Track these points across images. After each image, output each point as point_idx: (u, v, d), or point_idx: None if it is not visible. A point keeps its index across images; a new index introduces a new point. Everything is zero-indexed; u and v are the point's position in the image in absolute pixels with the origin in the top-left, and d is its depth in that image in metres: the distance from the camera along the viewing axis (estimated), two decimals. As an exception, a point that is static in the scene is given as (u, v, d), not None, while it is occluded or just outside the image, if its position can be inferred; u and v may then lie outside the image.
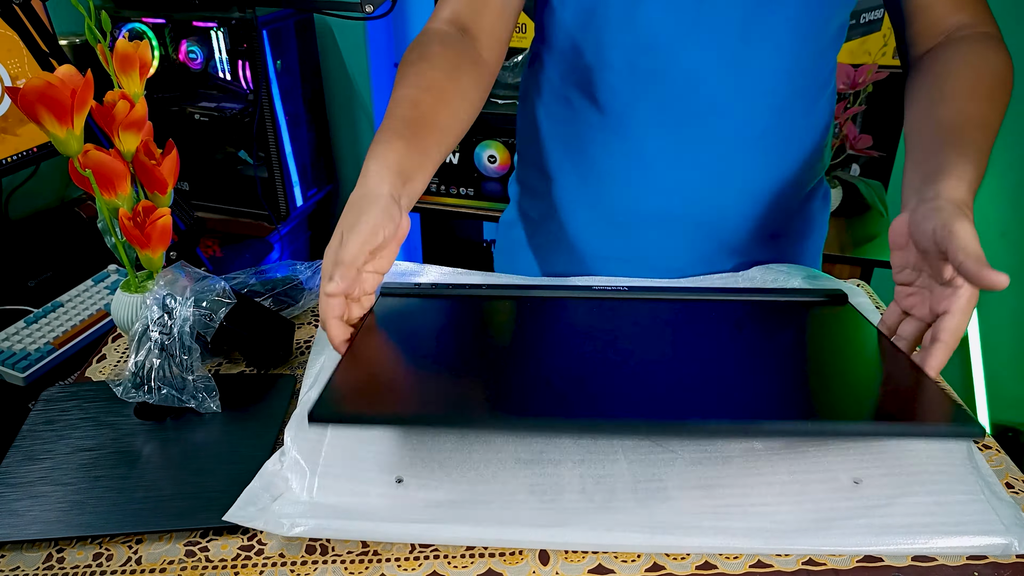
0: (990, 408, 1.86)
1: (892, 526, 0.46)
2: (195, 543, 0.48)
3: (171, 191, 0.67)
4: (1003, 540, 0.45)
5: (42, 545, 0.48)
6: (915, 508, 0.48)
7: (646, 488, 0.50)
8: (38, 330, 1.02)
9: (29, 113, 0.57)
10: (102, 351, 0.69)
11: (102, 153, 0.61)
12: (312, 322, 0.72)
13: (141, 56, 0.66)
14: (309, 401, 0.57)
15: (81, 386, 0.64)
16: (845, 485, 0.49)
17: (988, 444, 0.56)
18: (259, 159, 1.65)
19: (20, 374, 0.94)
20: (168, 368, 0.58)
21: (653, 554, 0.47)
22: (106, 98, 0.64)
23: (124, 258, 0.66)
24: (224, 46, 1.56)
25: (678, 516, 0.48)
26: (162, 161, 0.65)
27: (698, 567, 0.46)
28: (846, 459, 0.51)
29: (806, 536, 0.46)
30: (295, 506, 0.49)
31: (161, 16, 1.57)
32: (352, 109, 1.97)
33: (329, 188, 1.93)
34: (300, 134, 1.74)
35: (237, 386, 0.62)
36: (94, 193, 0.62)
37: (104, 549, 0.48)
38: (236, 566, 0.47)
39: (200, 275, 0.62)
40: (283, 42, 1.63)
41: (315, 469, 0.51)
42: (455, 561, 0.47)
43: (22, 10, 0.78)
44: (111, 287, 1.11)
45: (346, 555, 0.47)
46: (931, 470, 0.50)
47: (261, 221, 1.71)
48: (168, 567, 0.47)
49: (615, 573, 0.46)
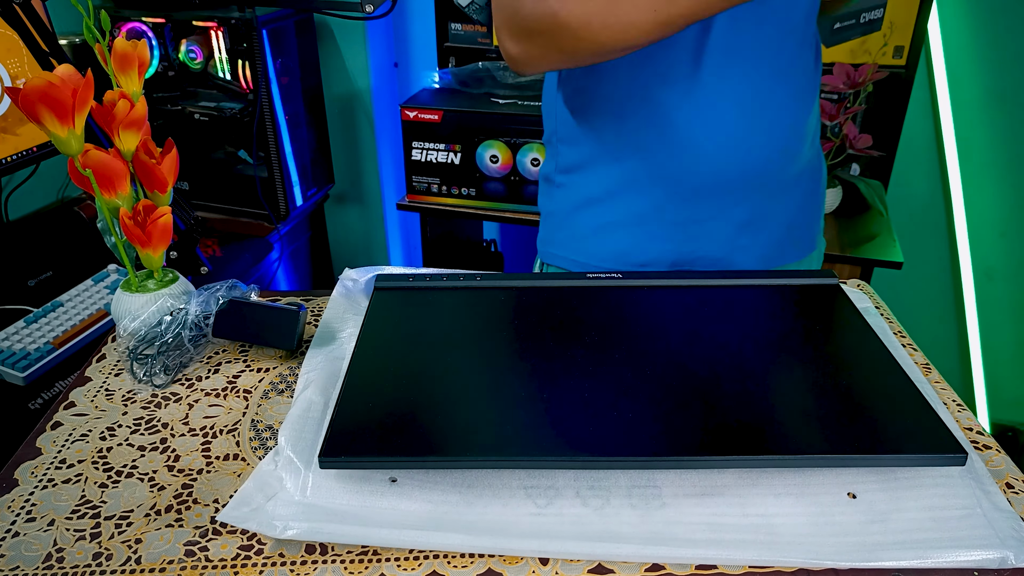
0: (990, 408, 1.86)
1: (885, 543, 0.46)
2: (195, 543, 0.48)
3: (171, 190, 0.67)
4: (998, 554, 0.45)
5: (41, 545, 0.48)
6: (910, 524, 0.48)
7: (641, 494, 0.50)
8: (38, 330, 1.02)
9: (30, 113, 0.57)
10: (102, 351, 0.69)
11: (102, 153, 0.61)
12: (312, 322, 0.72)
13: (139, 55, 0.66)
14: (306, 400, 0.57)
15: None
16: (841, 499, 0.49)
17: (988, 444, 0.56)
18: (259, 159, 1.65)
19: (20, 374, 0.94)
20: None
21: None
22: (106, 98, 0.64)
23: (124, 257, 0.66)
24: (224, 46, 1.56)
25: (672, 526, 0.48)
26: (162, 160, 0.65)
27: (698, 567, 0.46)
28: (842, 472, 0.51)
29: (800, 550, 0.46)
30: (288, 507, 0.49)
31: (161, 16, 1.57)
32: (352, 109, 1.97)
33: (329, 188, 1.93)
34: (300, 134, 1.74)
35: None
36: (94, 193, 0.63)
37: (104, 549, 0.48)
38: (236, 566, 0.47)
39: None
40: (283, 42, 1.63)
41: (309, 467, 0.51)
42: (455, 561, 0.47)
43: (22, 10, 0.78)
44: (111, 287, 1.11)
45: (346, 555, 0.47)
46: (927, 483, 0.50)
47: (261, 221, 1.71)
48: (168, 567, 0.47)
49: (615, 574, 0.46)
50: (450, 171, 1.55)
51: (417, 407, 0.53)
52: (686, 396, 0.53)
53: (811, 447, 0.49)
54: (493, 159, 1.51)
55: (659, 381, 0.55)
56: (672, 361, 0.57)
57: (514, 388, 0.55)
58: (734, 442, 0.49)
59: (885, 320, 0.70)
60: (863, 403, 0.53)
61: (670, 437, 0.50)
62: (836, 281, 0.68)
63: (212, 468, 0.55)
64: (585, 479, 0.51)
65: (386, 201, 2.09)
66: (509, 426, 0.51)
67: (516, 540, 0.46)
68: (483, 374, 0.57)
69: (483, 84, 1.62)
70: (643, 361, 0.57)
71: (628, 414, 0.51)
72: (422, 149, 1.54)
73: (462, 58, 1.71)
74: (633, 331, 0.61)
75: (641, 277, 0.69)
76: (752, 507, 0.49)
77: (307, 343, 0.69)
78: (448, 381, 0.56)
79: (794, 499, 0.49)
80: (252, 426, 0.59)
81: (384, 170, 2.05)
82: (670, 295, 0.66)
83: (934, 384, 0.62)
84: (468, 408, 0.53)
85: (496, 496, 0.50)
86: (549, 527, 0.48)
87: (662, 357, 0.57)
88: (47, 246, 1.37)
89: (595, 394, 0.53)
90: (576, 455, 0.49)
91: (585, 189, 0.81)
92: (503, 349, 0.60)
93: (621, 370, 0.56)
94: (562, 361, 0.58)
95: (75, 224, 1.45)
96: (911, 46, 1.49)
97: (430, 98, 1.58)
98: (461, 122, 1.50)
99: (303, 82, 1.73)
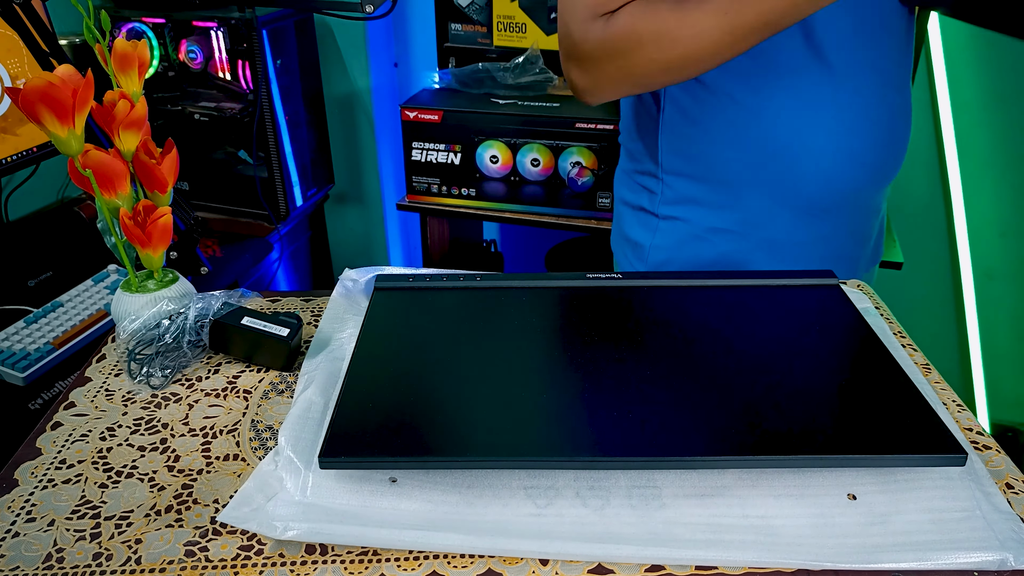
0: (990, 408, 1.86)
1: (885, 545, 0.46)
2: (195, 543, 0.48)
3: (171, 190, 0.67)
4: (998, 556, 0.45)
5: (41, 545, 0.48)
6: (910, 525, 0.48)
7: (641, 494, 0.50)
8: (38, 330, 1.02)
9: (30, 113, 0.57)
10: (102, 351, 0.69)
11: (102, 153, 0.61)
12: (312, 322, 0.72)
13: (140, 55, 0.66)
14: (306, 401, 0.57)
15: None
16: (841, 501, 0.49)
17: (988, 444, 0.56)
18: (259, 159, 1.65)
19: (20, 374, 0.94)
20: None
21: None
22: (106, 98, 0.64)
23: (124, 258, 0.66)
24: (224, 46, 1.56)
25: (672, 527, 0.48)
26: (162, 160, 0.65)
27: (698, 568, 0.46)
28: (842, 473, 0.51)
29: (800, 551, 0.46)
30: (289, 508, 0.49)
31: (161, 16, 1.57)
32: (352, 109, 1.97)
33: (329, 188, 1.93)
34: (300, 134, 1.74)
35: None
36: (94, 193, 0.63)
37: (104, 549, 0.48)
38: (236, 566, 0.47)
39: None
40: (283, 42, 1.63)
41: (309, 467, 0.51)
42: (455, 561, 0.47)
43: (22, 10, 0.78)
44: (111, 287, 1.11)
45: (346, 555, 0.47)
46: (927, 484, 0.50)
47: (261, 221, 1.71)
48: (168, 567, 0.47)
49: (615, 574, 0.46)
50: (450, 171, 1.55)
51: (417, 407, 0.53)
52: (686, 396, 0.53)
53: (811, 447, 0.49)
54: (493, 159, 1.51)
55: (659, 381, 0.55)
56: (672, 361, 0.57)
57: (514, 388, 0.55)
58: (734, 443, 0.49)
59: (885, 320, 0.70)
60: (863, 404, 0.53)
61: (670, 437, 0.50)
62: (836, 281, 0.68)
63: (212, 468, 0.55)
64: (585, 479, 0.51)
65: (386, 201, 2.10)
66: (509, 426, 0.51)
67: (516, 540, 0.46)
68: (483, 374, 0.57)
69: (483, 84, 1.62)
70: (643, 361, 0.57)
71: (628, 414, 0.51)
72: (422, 149, 1.54)
73: (462, 58, 1.71)
74: (633, 331, 0.61)
75: (641, 277, 0.69)
76: (752, 508, 0.49)
77: (307, 343, 0.69)
78: (448, 381, 0.56)
79: (794, 500, 0.49)
80: (252, 426, 0.59)
81: (384, 170, 2.05)
82: (670, 295, 0.66)
83: (934, 384, 0.62)
84: (468, 408, 0.53)
85: (496, 496, 0.50)
86: (549, 527, 0.48)
87: (662, 357, 0.57)
88: (47, 246, 1.37)
89: (595, 394, 0.53)
90: (576, 455, 0.49)
91: (705, 220, 0.80)
92: (503, 349, 0.60)
93: (621, 370, 0.56)
94: (562, 361, 0.58)
95: (75, 224, 1.45)
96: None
97: (430, 98, 1.58)
98: (461, 122, 1.50)
99: (303, 82, 1.73)
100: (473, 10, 1.66)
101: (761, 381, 0.55)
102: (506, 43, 1.67)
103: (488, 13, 1.65)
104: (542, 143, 1.47)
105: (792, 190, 0.76)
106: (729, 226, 0.79)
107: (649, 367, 0.56)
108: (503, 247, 2.11)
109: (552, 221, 1.52)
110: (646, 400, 0.53)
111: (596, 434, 0.50)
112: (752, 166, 0.76)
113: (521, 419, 0.52)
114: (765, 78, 0.72)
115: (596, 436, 0.50)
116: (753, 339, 0.61)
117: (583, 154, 1.46)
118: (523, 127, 1.47)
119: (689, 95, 0.76)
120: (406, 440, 0.50)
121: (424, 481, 0.51)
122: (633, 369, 0.56)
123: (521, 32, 1.65)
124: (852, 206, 0.79)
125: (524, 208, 1.55)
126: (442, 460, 0.49)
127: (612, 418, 0.51)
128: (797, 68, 0.72)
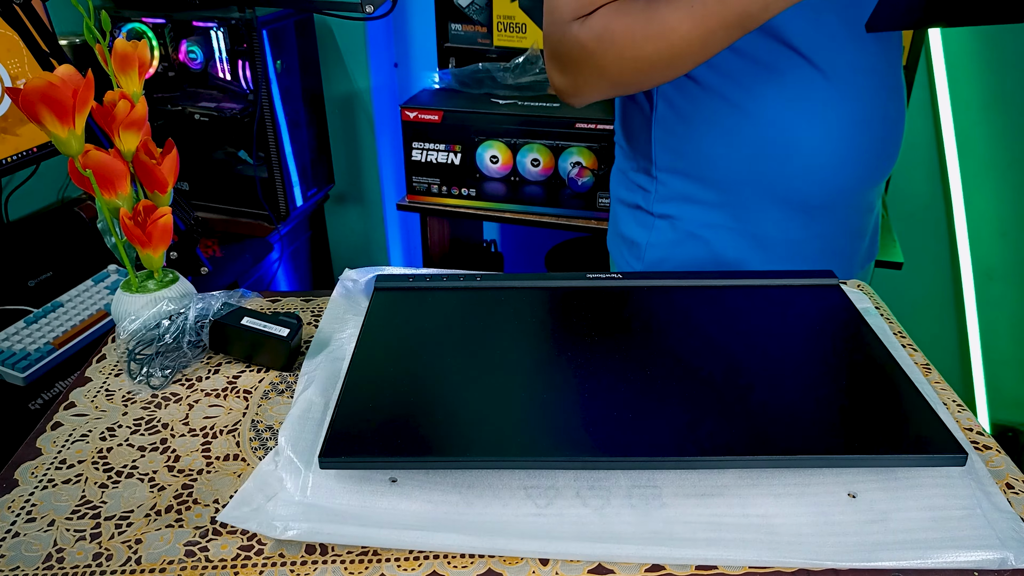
0: (990, 408, 1.86)
1: (885, 543, 0.46)
2: (195, 543, 0.48)
3: (171, 190, 0.67)
4: (998, 555, 0.45)
5: (41, 545, 0.48)
6: (910, 524, 0.48)
7: (641, 494, 0.50)
8: (38, 330, 1.02)
9: (30, 113, 0.57)
10: (102, 351, 0.69)
11: (102, 153, 0.61)
12: (312, 323, 0.72)
13: (140, 56, 0.66)
14: (306, 401, 0.57)
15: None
16: (841, 499, 0.49)
17: (988, 444, 0.56)
18: (259, 159, 1.65)
19: (20, 374, 0.94)
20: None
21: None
22: (106, 98, 0.64)
23: (124, 258, 0.66)
24: (224, 46, 1.56)
25: (673, 527, 0.48)
26: (162, 160, 0.65)
27: (698, 567, 0.46)
28: (842, 472, 0.51)
29: (800, 550, 0.46)
30: (289, 508, 0.49)
31: (161, 16, 1.57)
32: (352, 109, 1.97)
33: (329, 188, 1.93)
34: (300, 134, 1.74)
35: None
36: (94, 193, 0.63)
37: (104, 549, 0.48)
38: (236, 566, 0.47)
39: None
40: (283, 42, 1.63)
41: (310, 467, 0.51)
42: (455, 561, 0.47)
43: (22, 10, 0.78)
44: (111, 287, 1.11)
45: (346, 555, 0.47)
46: (927, 483, 0.50)
47: (261, 221, 1.71)
48: (168, 567, 0.47)
49: (615, 574, 0.46)
50: (450, 171, 1.55)
51: (417, 407, 0.53)
52: (686, 396, 0.53)
53: (811, 447, 0.49)
54: (493, 159, 1.51)
55: (659, 381, 0.55)
56: (672, 361, 0.57)
57: (514, 388, 0.55)
58: (734, 442, 0.49)
59: (885, 320, 0.70)
60: (863, 403, 0.53)
61: (670, 437, 0.50)
62: (836, 281, 0.68)
63: (212, 468, 0.55)
64: (585, 479, 0.51)
65: (386, 201, 2.10)
66: (509, 426, 0.51)
67: (516, 540, 0.46)
68: (483, 374, 0.57)
69: (483, 84, 1.62)
70: (643, 361, 0.57)
71: (628, 414, 0.51)
72: (422, 149, 1.54)
73: (462, 58, 1.71)
74: (633, 331, 0.61)
75: (641, 277, 0.69)
76: (752, 507, 0.49)
77: (307, 343, 0.69)
78: (448, 381, 0.56)
79: (794, 499, 0.49)
80: (252, 426, 0.59)
81: (384, 170, 2.05)
82: (670, 295, 0.66)
83: (934, 384, 0.62)
84: (468, 408, 0.53)
85: (496, 496, 0.50)
86: (549, 527, 0.48)
87: (662, 357, 0.57)
88: (47, 246, 1.37)
89: (595, 394, 0.53)
90: (576, 455, 0.49)
91: (699, 217, 0.80)
92: (503, 349, 0.60)
93: (621, 370, 0.56)
94: (562, 361, 0.58)
95: (75, 224, 1.45)
96: (911, 46, 1.49)
97: (430, 98, 1.58)
98: (461, 122, 1.50)
99: (303, 82, 1.73)
100: (473, 10, 1.66)
101: (761, 381, 0.55)
102: (506, 43, 1.67)
103: (488, 13, 1.65)
104: (542, 143, 1.47)
105: (785, 187, 0.76)
106: (724, 223, 0.79)
107: (649, 367, 0.56)
108: (503, 247, 2.11)
109: (552, 221, 1.53)
110: (646, 400, 0.53)
111: (596, 434, 0.50)
112: (744, 163, 0.76)
113: (521, 419, 0.52)
114: (755, 77, 0.73)
115: (596, 436, 0.50)
116: (753, 339, 0.61)
117: (583, 154, 1.46)
118: (523, 127, 1.48)
119: (681, 93, 0.76)
120: (406, 440, 0.50)
121: (424, 481, 0.51)
122: (633, 369, 0.56)
123: (521, 32, 1.65)
124: (845, 203, 0.79)
125: (524, 208, 1.55)
126: (442, 460, 0.49)
127: (612, 418, 0.51)
128: (784, 68, 0.72)
